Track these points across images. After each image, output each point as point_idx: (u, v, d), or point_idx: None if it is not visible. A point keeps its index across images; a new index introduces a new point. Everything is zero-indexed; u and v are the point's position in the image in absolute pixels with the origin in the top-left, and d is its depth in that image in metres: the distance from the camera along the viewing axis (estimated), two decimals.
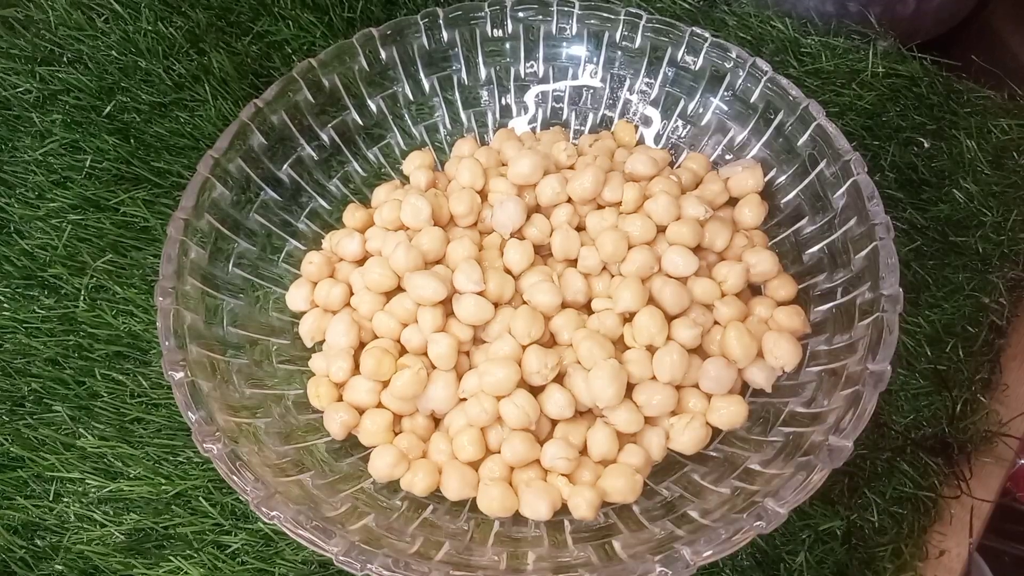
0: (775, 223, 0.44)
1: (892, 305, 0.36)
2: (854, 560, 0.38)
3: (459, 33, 0.48)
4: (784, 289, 0.41)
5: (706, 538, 0.31)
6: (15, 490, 0.41)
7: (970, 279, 0.44)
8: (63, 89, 0.54)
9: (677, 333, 0.38)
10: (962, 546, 0.39)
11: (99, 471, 0.41)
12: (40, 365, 0.44)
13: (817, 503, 0.39)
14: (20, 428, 0.43)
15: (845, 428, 0.33)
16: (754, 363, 0.39)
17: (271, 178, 0.45)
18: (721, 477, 0.36)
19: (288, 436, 0.38)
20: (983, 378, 0.42)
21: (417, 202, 0.42)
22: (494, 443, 0.38)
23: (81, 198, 0.49)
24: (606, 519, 0.36)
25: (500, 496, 0.36)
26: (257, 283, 0.43)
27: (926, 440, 0.41)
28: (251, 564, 0.39)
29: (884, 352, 0.34)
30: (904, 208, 0.47)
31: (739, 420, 0.38)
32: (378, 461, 0.37)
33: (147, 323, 0.45)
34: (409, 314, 0.39)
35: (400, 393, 0.38)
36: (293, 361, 0.42)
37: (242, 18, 0.56)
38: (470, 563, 0.33)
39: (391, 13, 0.56)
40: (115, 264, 0.47)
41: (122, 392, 0.43)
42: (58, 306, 0.46)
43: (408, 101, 0.49)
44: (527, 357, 0.37)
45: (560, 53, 0.49)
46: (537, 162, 0.42)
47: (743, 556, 0.38)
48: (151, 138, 0.51)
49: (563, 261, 0.42)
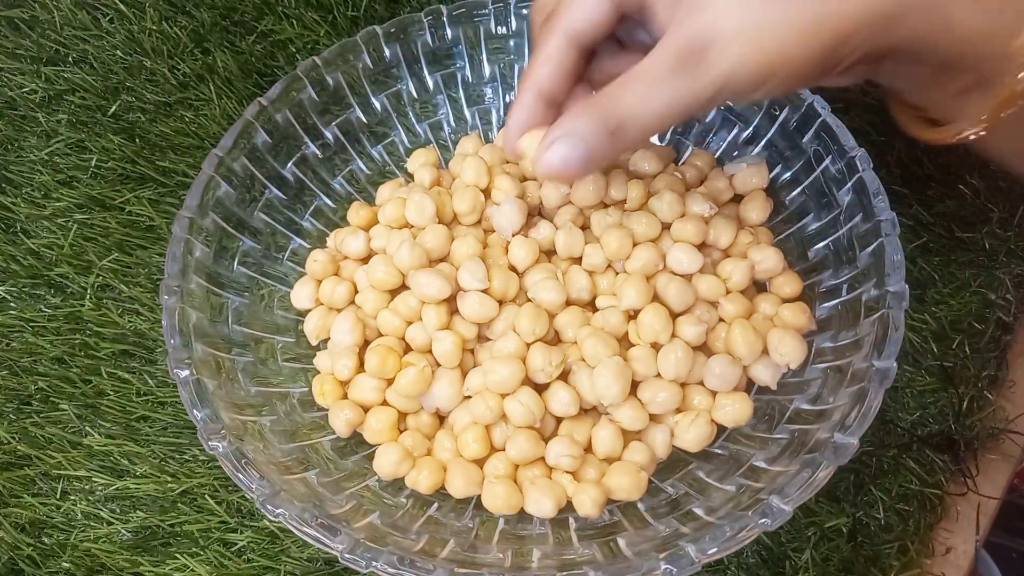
0: (780, 220, 0.44)
1: (898, 302, 0.35)
2: (860, 557, 0.38)
3: (463, 30, 0.48)
4: (789, 286, 0.41)
5: (711, 536, 0.31)
6: (22, 488, 0.42)
7: (976, 275, 0.44)
8: (68, 89, 0.54)
9: (682, 330, 0.38)
10: (969, 543, 0.39)
11: (106, 469, 0.42)
12: (47, 364, 0.45)
13: (823, 500, 0.39)
14: (27, 426, 0.43)
15: (851, 425, 0.33)
16: (759, 360, 0.39)
17: (275, 176, 0.45)
18: (726, 474, 0.36)
19: (293, 434, 0.38)
20: (990, 375, 0.42)
21: (421, 200, 0.42)
22: (499, 441, 0.38)
23: (87, 197, 0.49)
24: (611, 517, 0.36)
25: (505, 494, 0.36)
26: (262, 281, 0.43)
27: (932, 437, 0.40)
28: (257, 561, 0.39)
29: (890, 349, 0.34)
30: (910, 204, 0.46)
31: (744, 417, 0.38)
32: (383, 459, 0.37)
33: (153, 322, 0.45)
34: (413, 312, 0.39)
35: (405, 391, 0.38)
36: (298, 359, 0.42)
37: (246, 17, 0.56)
38: (475, 560, 0.33)
39: (395, 11, 0.56)
40: (121, 263, 0.47)
41: (128, 390, 0.44)
42: (64, 305, 0.46)
43: (412, 99, 0.49)
44: (531, 355, 0.37)
45: None
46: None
47: (748, 553, 0.38)
48: (156, 137, 0.51)
49: (567, 259, 0.42)
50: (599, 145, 0.30)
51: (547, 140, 0.31)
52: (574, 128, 0.30)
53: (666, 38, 0.29)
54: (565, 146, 0.30)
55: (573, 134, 0.30)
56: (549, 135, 0.31)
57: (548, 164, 0.31)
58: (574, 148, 0.30)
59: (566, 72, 0.33)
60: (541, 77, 0.33)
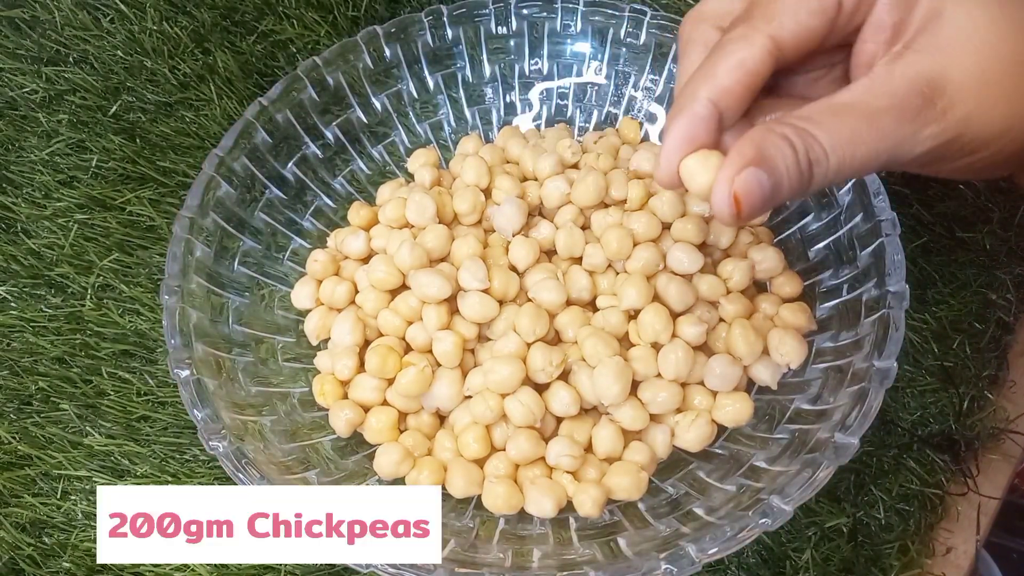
0: (780, 219, 0.44)
1: (898, 302, 0.35)
2: (860, 557, 0.38)
3: (463, 30, 0.48)
4: (789, 286, 0.41)
5: (712, 535, 0.31)
6: (23, 488, 0.42)
7: (977, 275, 0.44)
8: (69, 89, 0.54)
9: (682, 330, 0.38)
10: (969, 543, 0.39)
11: (106, 469, 0.42)
12: (47, 364, 0.45)
13: (823, 500, 0.39)
14: (28, 426, 0.43)
15: (851, 425, 0.33)
16: (759, 360, 0.39)
17: (276, 176, 0.45)
18: (727, 474, 0.36)
19: (293, 434, 0.38)
20: (990, 374, 0.42)
21: (422, 200, 0.42)
22: (499, 441, 0.38)
23: (87, 197, 0.49)
24: (611, 517, 0.36)
25: (505, 494, 0.36)
26: (262, 281, 0.43)
27: (933, 437, 0.40)
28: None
29: (890, 349, 0.34)
30: (910, 204, 0.46)
31: (744, 417, 0.38)
32: (383, 459, 0.37)
33: (153, 322, 0.45)
34: (414, 312, 0.39)
35: (405, 391, 0.38)
36: (298, 359, 0.42)
37: (247, 17, 0.56)
38: (475, 560, 0.33)
39: (395, 11, 0.56)
40: (121, 263, 0.47)
41: (129, 390, 0.44)
42: (65, 305, 0.46)
43: (412, 99, 0.49)
44: (532, 355, 0.37)
45: (564, 50, 0.49)
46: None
47: (749, 553, 0.38)
48: (157, 137, 0.52)
49: (568, 258, 0.42)
50: (792, 180, 0.24)
51: (736, 162, 0.24)
52: (769, 152, 0.24)
53: (883, 72, 0.25)
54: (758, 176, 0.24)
55: (768, 161, 0.24)
56: (738, 157, 0.24)
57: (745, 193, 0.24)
58: (766, 179, 0.24)
59: (755, 87, 0.26)
60: (724, 86, 0.25)
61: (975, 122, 0.25)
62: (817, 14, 0.25)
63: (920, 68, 0.25)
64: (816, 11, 0.25)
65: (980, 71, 0.25)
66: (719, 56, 0.26)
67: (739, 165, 0.24)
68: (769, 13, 0.26)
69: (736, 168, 0.24)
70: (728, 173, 0.24)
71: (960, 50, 0.25)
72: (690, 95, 0.26)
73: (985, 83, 0.25)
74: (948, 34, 0.25)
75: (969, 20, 0.25)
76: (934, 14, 0.25)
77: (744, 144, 0.24)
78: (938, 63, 0.25)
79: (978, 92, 0.25)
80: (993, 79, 0.25)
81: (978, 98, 0.25)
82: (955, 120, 0.25)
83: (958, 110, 0.25)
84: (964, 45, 0.25)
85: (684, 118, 0.26)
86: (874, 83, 0.25)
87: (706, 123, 0.26)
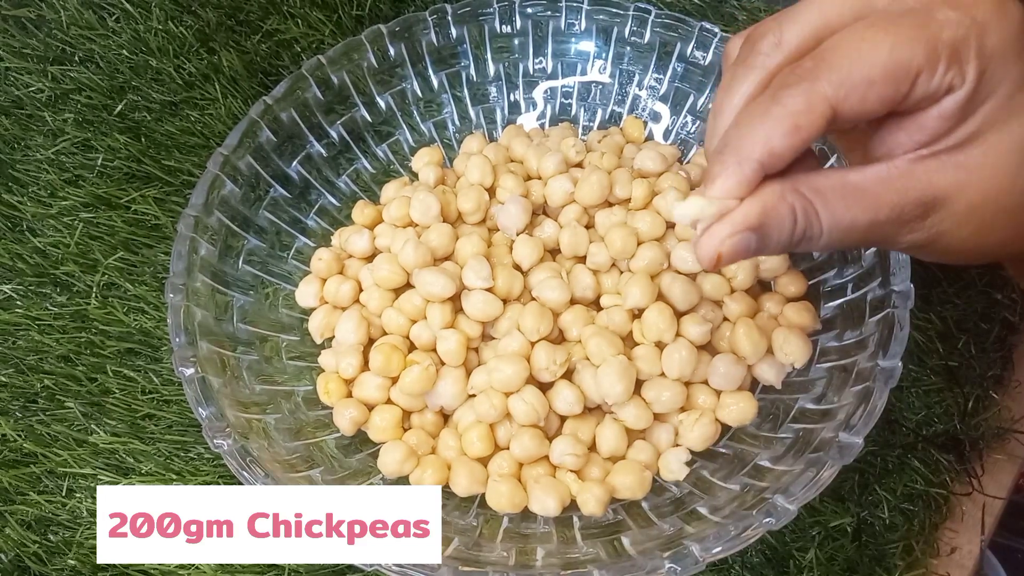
0: None
1: (903, 301, 0.35)
2: (864, 557, 0.38)
3: (468, 29, 0.48)
4: (794, 285, 0.41)
5: (715, 535, 0.31)
6: (28, 486, 0.42)
7: (982, 275, 0.44)
8: (75, 88, 0.54)
9: (686, 329, 0.38)
10: (974, 543, 0.39)
11: (111, 467, 0.42)
12: (52, 362, 0.45)
13: (827, 499, 0.39)
14: (33, 424, 0.43)
15: (855, 425, 0.33)
16: (764, 359, 0.38)
17: (280, 175, 0.45)
18: (731, 474, 0.36)
19: (298, 432, 0.38)
20: (995, 374, 0.42)
21: (426, 199, 0.42)
22: (503, 439, 0.38)
23: (93, 196, 0.49)
24: (615, 515, 0.36)
25: (509, 492, 0.36)
26: (267, 280, 0.43)
27: (937, 437, 0.40)
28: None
29: (895, 348, 0.34)
30: None
31: (748, 417, 0.38)
32: (387, 457, 0.37)
33: (158, 320, 0.45)
34: (418, 310, 0.39)
35: (409, 389, 0.38)
36: (303, 357, 0.42)
37: (252, 17, 0.56)
38: (479, 559, 0.33)
39: (399, 10, 0.56)
40: (126, 261, 0.47)
41: (133, 389, 0.44)
42: (70, 303, 0.46)
43: (417, 98, 0.49)
44: (536, 353, 0.37)
45: (569, 49, 0.49)
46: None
47: (753, 552, 0.38)
48: (162, 136, 0.52)
49: (572, 257, 0.42)
50: (779, 248, 0.25)
51: (738, 224, 0.24)
52: (771, 223, 0.24)
53: (904, 168, 0.25)
54: (748, 239, 0.24)
55: (765, 229, 0.24)
56: (743, 220, 0.24)
57: (731, 253, 0.25)
58: (755, 243, 0.24)
59: (803, 150, 0.25)
60: (778, 153, 0.24)
61: (949, 239, 0.26)
62: (884, 102, 0.24)
63: (937, 182, 0.25)
64: (885, 100, 0.24)
65: (984, 201, 0.25)
66: (777, 114, 0.24)
67: (740, 228, 0.24)
68: (837, 78, 0.24)
69: (735, 229, 0.24)
70: (725, 231, 0.24)
71: (980, 176, 0.25)
72: (746, 154, 0.24)
73: (981, 222, 0.25)
74: (978, 161, 0.25)
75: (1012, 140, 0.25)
76: (976, 136, 0.25)
77: (753, 208, 0.24)
78: (955, 183, 0.25)
79: (968, 221, 0.25)
80: (987, 218, 0.25)
81: (966, 225, 0.25)
82: (934, 233, 0.25)
83: (942, 226, 0.25)
84: (990, 173, 0.25)
85: (733, 179, 0.24)
86: (891, 176, 0.25)
87: (751, 186, 0.25)
